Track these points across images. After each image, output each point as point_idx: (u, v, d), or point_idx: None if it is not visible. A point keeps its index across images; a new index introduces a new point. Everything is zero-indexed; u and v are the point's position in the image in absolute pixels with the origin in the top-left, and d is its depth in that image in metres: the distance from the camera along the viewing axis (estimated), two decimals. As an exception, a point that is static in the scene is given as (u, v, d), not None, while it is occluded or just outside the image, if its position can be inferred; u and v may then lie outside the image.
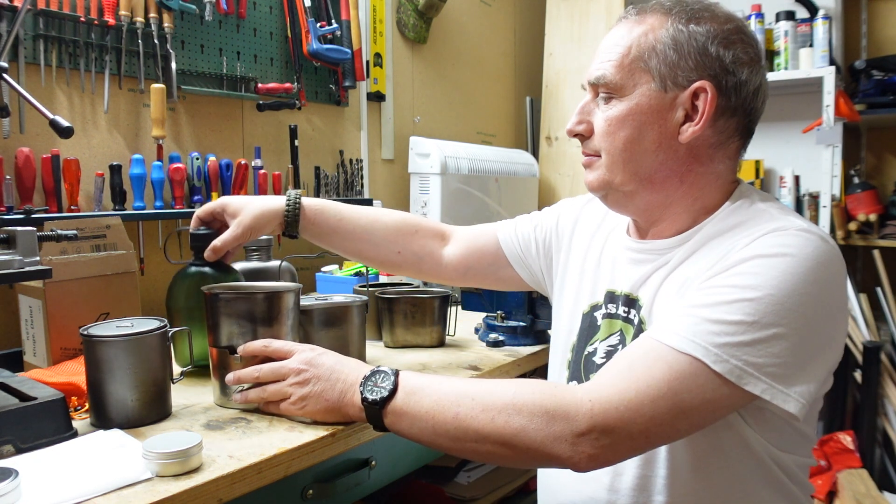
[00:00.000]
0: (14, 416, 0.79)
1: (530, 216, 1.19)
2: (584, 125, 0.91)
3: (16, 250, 0.85)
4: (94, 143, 1.47)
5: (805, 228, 0.78)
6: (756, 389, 0.73)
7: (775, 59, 2.60)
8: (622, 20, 0.90)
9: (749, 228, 0.81)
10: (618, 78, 0.86)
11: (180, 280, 1.13)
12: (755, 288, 0.74)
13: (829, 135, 2.42)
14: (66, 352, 1.14)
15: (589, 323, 0.99)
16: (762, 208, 0.85)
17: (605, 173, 0.89)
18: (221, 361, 0.97)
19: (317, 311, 1.19)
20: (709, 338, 0.73)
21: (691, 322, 0.75)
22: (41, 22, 1.35)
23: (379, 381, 0.84)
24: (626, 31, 0.87)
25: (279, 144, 1.88)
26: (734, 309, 0.74)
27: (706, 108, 0.84)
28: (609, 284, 0.98)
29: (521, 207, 2.44)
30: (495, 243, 1.18)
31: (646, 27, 0.86)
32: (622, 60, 0.86)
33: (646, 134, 0.86)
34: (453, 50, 2.57)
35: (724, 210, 0.87)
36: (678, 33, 0.85)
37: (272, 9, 1.82)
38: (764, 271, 0.74)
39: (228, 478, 0.75)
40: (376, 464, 0.99)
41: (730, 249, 0.80)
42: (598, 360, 0.95)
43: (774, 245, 0.76)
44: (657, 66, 0.85)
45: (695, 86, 0.84)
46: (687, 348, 0.74)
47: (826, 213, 2.48)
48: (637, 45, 0.86)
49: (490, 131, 2.81)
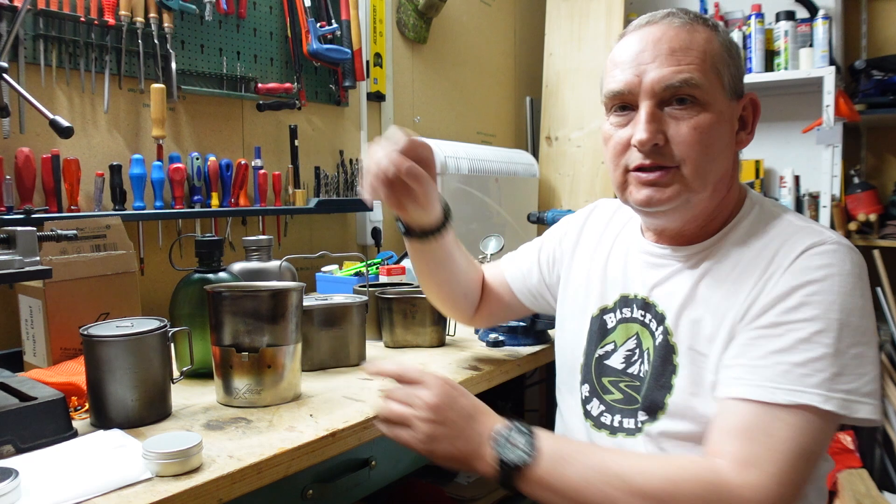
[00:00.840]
0: (14, 416, 0.79)
1: (534, 243, 1.18)
2: (661, 135, 0.84)
3: (16, 250, 0.85)
4: (94, 143, 1.47)
5: (836, 241, 0.81)
6: (864, 412, 0.74)
7: (775, 59, 2.60)
8: (671, 25, 0.85)
9: (780, 244, 0.83)
10: (705, 83, 0.83)
11: (184, 287, 1.13)
12: (821, 318, 0.76)
13: (829, 135, 2.42)
14: (66, 352, 1.14)
15: (599, 326, 0.99)
16: (780, 216, 0.88)
17: (687, 185, 0.84)
18: (225, 360, 0.98)
19: (317, 311, 1.19)
20: (806, 381, 0.74)
21: (780, 371, 0.75)
22: (41, 22, 1.35)
23: (514, 439, 0.79)
24: (688, 36, 0.84)
25: (279, 144, 1.88)
26: (813, 346, 0.75)
27: (756, 118, 0.91)
28: (622, 288, 0.97)
29: (521, 207, 2.44)
30: (508, 288, 1.17)
31: (704, 34, 0.85)
32: (702, 65, 0.83)
33: (723, 141, 0.87)
34: (453, 50, 2.57)
35: (745, 218, 0.89)
36: (731, 45, 0.87)
37: (272, 9, 1.82)
38: (821, 298, 0.77)
39: (228, 478, 0.75)
40: (376, 464, 0.99)
41: (767, 270, 0.81)
42: (616, 365, 0.95)
43: (819, 268, 0.79)
44: (726, 75, 0.86)
45: (748, 96, 0.90)
46: (794, 399, 0.74)
47: (826, 213, 2.48)
48: (708, 51, 0.84)
49: (490, 131, 2.81)
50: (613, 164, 0.90)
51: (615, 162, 0.89)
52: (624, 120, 0.87)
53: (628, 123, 0.87)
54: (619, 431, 0.91)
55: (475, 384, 1.16)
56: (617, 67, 0.87)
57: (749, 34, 2.62)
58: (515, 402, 1.90)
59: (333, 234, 2.06)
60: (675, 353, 0.87)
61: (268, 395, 0.98)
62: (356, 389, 1.07)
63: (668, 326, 0.89)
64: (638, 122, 0.85)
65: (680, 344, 0.87)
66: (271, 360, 0.97)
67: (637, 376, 0.92)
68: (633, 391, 0.92)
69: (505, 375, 1.24)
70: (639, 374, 0.92)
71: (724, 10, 2.81)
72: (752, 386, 0.76)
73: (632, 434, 0.90)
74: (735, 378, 0.78)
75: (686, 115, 0.83)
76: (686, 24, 0.85)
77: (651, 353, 0.91)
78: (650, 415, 0.88)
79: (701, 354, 0.85)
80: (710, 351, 0.84)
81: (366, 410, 0.96)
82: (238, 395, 0.97)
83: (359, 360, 1.23)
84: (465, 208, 2.18)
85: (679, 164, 0.84)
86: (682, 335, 0.87)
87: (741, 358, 0.79)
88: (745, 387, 0.77)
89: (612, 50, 0.92)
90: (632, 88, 0.85)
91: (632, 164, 0.86)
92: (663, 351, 0.88)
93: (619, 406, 0.93)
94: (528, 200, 2.56)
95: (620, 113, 0.88)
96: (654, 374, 0.88)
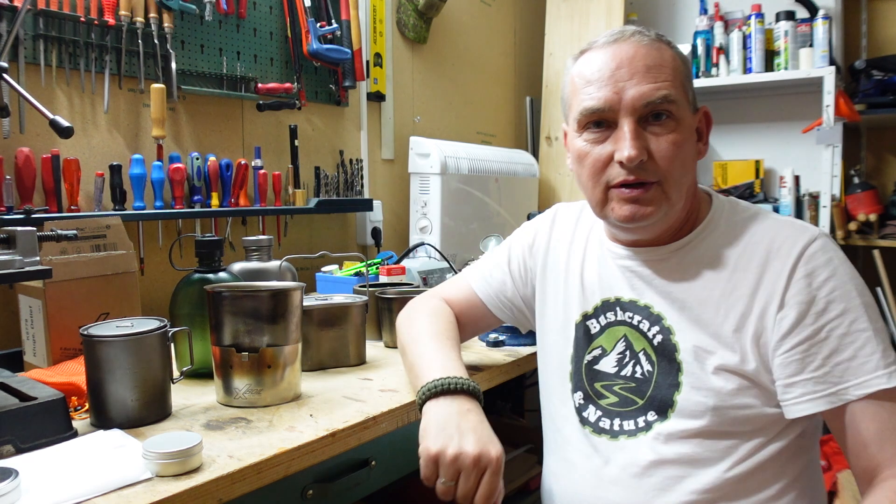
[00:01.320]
0: (14, 416, 0.79)
1: (500, 254, 1.14)
2: (646, 151, 0.86)
3: (16, 250, 0.85)
4: (94, 143, 1.47)
5: (819, 232, 0.86)
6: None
7: (775, 59, 2.60)
8: (640, 44, 0.87)
9: (770, 240, 0.87)
10: (679, 98, 0.87)
11: (184, 287, 1.13)
12: (850, 309, 0.82)
13: (829, 135, 2.42)
14: (66, 352, 1.14)
15: (584, 332, 0.99)
16: (754, 212, 0.92)
17: (667, 198, 0.87)
18: (225, 360, 0.98)
19: (317, 311, 1.19)
20: (867, 368, 0.80)
21: (863, 360, 0.80)
22: (41, 22, 1.35)
23: None
24: (659, 54, 0.87)
25: (279, 144, 1.88)
26: (854, 336, 0.81)
27: (709, 129, 0.95)
28: (602, 293, 0.98)
29: (521, 207, 2.44)
30: (483, 307, 1.13)
31: (670, 52, 0.88)
32: (675, 81, 0.87)
33: (692, 154, 0.91)
34: (453, 50, 2.57)
35: (720, 216, 0.93)
36: (688, 62, 0.92)
37: (272, 9, 1.82)
38: (840, 292, 0.82)
39: (228, 478, 0.75)
40: (376, 464, 0.99)
41: (765, 266, 0.85)
42: (608, 369, 0.95)
43: (826, 264, 0.84)
44: (689, 90, 0.90)
45: (702, 109, 0.94)
46: (869, 386, 0.79)
47: (826, 213, 2.48)
48: (676, 68, 0.88)
49: (490, 131, 2.81)
50: (592, 181, 0.89)
51: (594, 179, 0.89)
52: (601, 136, 0.88)
53: (606, 140, 0.87)
54: (621, 434, 0.92)
55: (475, 384, 1.16)
56: (591, 85, 0.87)
57: (749, 34, 2.62)
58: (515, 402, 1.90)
59: (333, 234, 2.06)
60: (678, 350, 0.88)
61: (268, 395, 0.98)
62: (356, 389, 1.07)
63: (667, 326, 0.90)
64: (621, 138, 0.85)
65: (682, 342, 0.88)
66: (271, 360, 0.97)
67: (632, 378, 0.93)
68: (629, 392, 0.92)
69: (505, 375, 1.24)
70: (633, 375, 0.93)
71: (724, 10, 2.81)
72: (824, 396, 0.81)
73: (633, 435, 0.90)
74: (807, 395, 0.82)
75: (664, 131, 0.86)
76: (654, 43, 0.88)
77: (650, 353, 0.91)
78: (660, 413, 0.88)
79: (705, 351, 0.86)
80: (715, 347, 0.86)
81: (366, 410, 0.96)
82: (238, 395, 0.97)
83: (359, 360, 1.23)
84: (465, 208, 2.18)
85: (660, 180, 0.86)
86: (684, 333, 0.88)
87: (802, 374, 0.82)
88: (818, 399, 0.81)
89: (573, 66, 0.92)
90: (612, 105, 0.86)
91: (614, 180, 0.87)
92: (665, 350, 0.89)
93: (617, 409, 0.93)
94: (528, 200, 2.56)
95: (596, 130, 0.88)
96: (662, 372, 0.89)
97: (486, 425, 0.85)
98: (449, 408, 0.85)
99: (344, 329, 1.21)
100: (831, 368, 0.80)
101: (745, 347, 0.85)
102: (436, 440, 0.81)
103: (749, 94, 2.86)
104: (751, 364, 0.84)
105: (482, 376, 1.18)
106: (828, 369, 0.80)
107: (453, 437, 0.81)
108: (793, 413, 0.82)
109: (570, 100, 0.92)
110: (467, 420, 0.84)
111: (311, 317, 1.17)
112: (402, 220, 2.30)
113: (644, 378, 0.91)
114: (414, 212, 2.12)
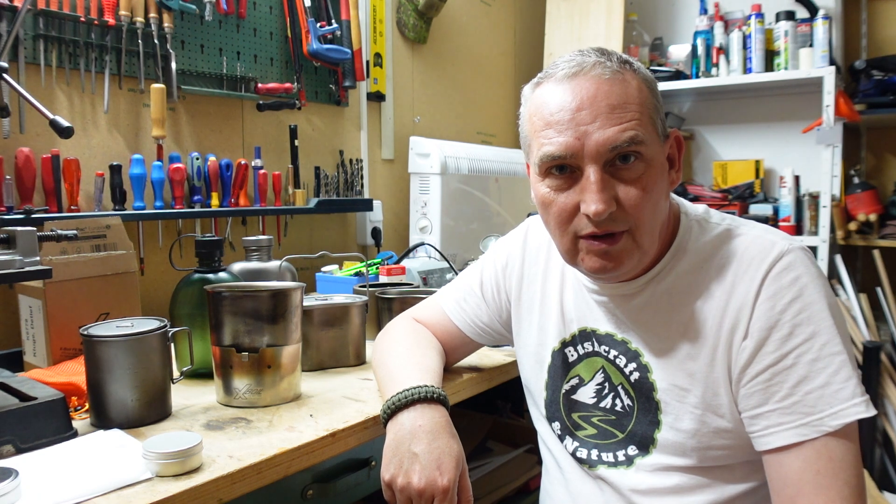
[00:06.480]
0: (14, 416, 0.79)
1: (471, 277, 1.10)
2: (613, 201, 0.79)
3: (16, 250, 0.85)
4: (94, 143, 1.47)
5: (789, 248, 0.80)
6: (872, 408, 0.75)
7: (775, 59, 2.60)
8: (602, 78, 0.79)
9: (736, 261, 0.81)
10: (647, 136, 0.79)
11: (184, 287, 1.13)
12: (820, 332, 0.76)
13: (829, 135, 2.42)
14: (66, 352, 1.14)
15: (561, 360, 0.96)
16: (719, 227, 0.86)
17: (639, 245, 0.81)
18: (225, 360, 0.98)
19: (317, 310, 1.19)
20: (839, 396, 0.74)
21: (813, 399, 0.74)
22: (41, 22, 1.35)
23: None
24: (622, 89, 0.79)
25: (279, 144, 1.88)
26: (826, 360, 0.75)
27: (681, 154, 0.88)
28: (580, 322, 0.94)
29: (521, 207, 2.44)
30: (461, 335, 1.10)
31: (635, 83, 0.80)
32: (642, 118, 0.79)
33: (664, 189, 0.83)
34: (453, 50, 2.57)
35: (687, 239, 0.86)
36: (654, 86, 0.83)
37: (272, 9, 1.82)
38: (808, 314, 0.76)
39: (228, 478, 0.75)
40: (376, 464, 0.99)
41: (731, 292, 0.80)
42: (586, 399, 0.93)
43: (791, 284, 0.77)
44: (658, 121, 0.82)
45: (672, 134, 0.86)
46: (841, 421, 0.74)
47: (826, 213, 2.48)
48: (643, 101, 0.80)
49: (490, 131, 2.81)
50: (559, 230, 0.83)
51: (561, 229, 0.83)
52: (564, 183, 0.81)
53: (570, 188, 0.81)
54: (600, 464, 0.91)
55: (475, 384, 1.16)
56: (551, 128, 0.80)
57: (749, 34, 2.62)
58: (515, 402, 1.89)
59: (333, 234, 2.06)
60: (655, 390, 0.86)
61: (268, 396, 0.98)
62: (356, 389, 1.07)
63: (645, 363, 0.87)
64: (587, 189, 0.78)
65: (660, 381, 0.85)
66: (271, 360, 0.97)
67: (612, 410, 0.90)
68: (608, 425, 0.91)
69: (505, 375, 1.24)
70: (613, 408, 0.90)
71: (724, 10, 2.81)
72: (795, 427, 0.75)
73: (613, 466, 0.89)
74: (772, 428, 0.76)
75: (632, 175, 0.79)
76: (617, 74, 0.79)
77: (628, 389, 0.89)
78: (641, 449, 0.87)
79: (682, 389, 0.83)
80: (691, 384, 0.83)
81: (366, 410, 0.96)
82: (238, 396, 0.97)
83: (359, 361, 1.23)
84: (466, 208, 2.18)
85: (630, 228, 0.80)
86: (661, 371, 0.85)
87: (766, 405, 0.77)
88: (787, 431, 0.75)
89: (533, 98, 0.85)
90: (574, 152, 0.78)
91: (582, 231, 0.81)
92: (643, 388, 0.87)
93: (594, 441, 0.92)
94: (528, 200, 2.55)
95: (559, 175, 0.81)
96: (642, 409, 0.87)
97: (440, 441, 0.82)
98: (402, 429, 0.85)
99: (344, 329, 1.21)
100: (801, 398, 0.74)
101: (717, 383, 0.81)
102: (387, 468, 0.83)
103: (749, 94, 2.86)
104: (723, 399, 0.80)
105: (482, 376, 1.18)
106: (797, 398, 0.75)
107: (402, 465, 0.81)
108: (761, 446, 0.78)
109: (530, 139, 0.85)
110: (418, 441, 0.82)
111: (311, 317, 1.17)
112: (402, 220, 2.30)
113: (625, 412, 0.89)
114: (414, 212, 2.12)
